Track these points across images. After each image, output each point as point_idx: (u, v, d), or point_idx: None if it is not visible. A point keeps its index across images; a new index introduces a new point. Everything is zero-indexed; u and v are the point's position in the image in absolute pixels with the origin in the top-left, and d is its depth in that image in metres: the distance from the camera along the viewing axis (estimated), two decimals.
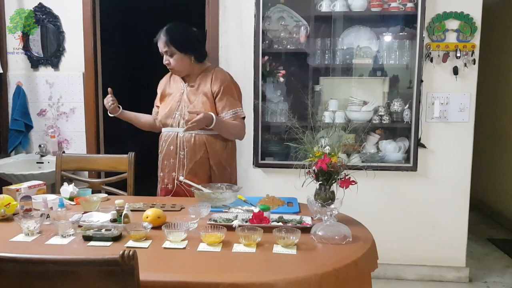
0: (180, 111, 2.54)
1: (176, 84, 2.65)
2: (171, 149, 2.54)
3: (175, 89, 2.63)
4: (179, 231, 1.78)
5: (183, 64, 2.53)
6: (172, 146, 2.54)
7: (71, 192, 2.37)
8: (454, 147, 3.38)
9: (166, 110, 2.59)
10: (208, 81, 2.56)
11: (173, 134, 2.55)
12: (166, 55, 2.53)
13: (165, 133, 2.60)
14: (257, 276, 1.51)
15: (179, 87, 2.61)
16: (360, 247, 1.75)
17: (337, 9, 3.34)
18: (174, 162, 2.54)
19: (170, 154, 2.55)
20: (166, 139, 2.58)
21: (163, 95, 2.66)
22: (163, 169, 2.60)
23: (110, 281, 1.29)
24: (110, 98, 2.62)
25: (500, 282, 3.52)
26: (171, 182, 2.56)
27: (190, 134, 2.50)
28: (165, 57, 2.54)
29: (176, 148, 2.53)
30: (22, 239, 1.80)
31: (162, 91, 2.68)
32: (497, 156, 5.00)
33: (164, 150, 2.58)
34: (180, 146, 2.52)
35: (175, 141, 2.53)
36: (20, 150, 3.70)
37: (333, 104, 3.41)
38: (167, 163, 2.56)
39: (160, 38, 2.53)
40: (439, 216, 3.45)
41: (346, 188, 1.99)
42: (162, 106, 2.65)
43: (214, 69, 2.64)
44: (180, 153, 2.52)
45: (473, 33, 3.26)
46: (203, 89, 2.55)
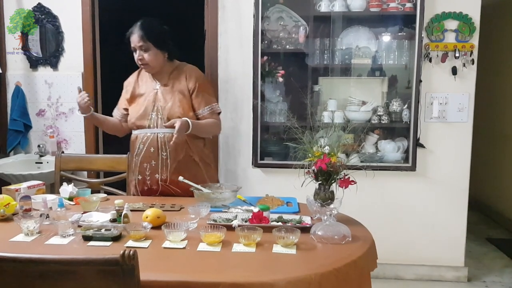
0: (157, 111, 2.49)
1: (146, 84, 2.58)
2: (151, 150, 2.47)
3: (146, 89, 2.56)
4: (179, 231, 1.78)
5: (157, 60, 2.50)
6: (152, 147, 2.47)
7: (70, 192, 2.37)
8: (453, 147, 3.39)
9: (140, 111, 2.51)
10: (182, 78, 2.54)
11: (152, 136, 2.48)
12: (141, 50, 2.46)
13: (141, 134, 2.51)
14: (256, 275, 1.51)
15: (151, 87, 2.55)
16: (360, 246, 1.75)
17: (336, 9, 3.34)
18: (156, 163, 2.47)
19: (151, 156, 2.47)
20: (144, 140, 2.49)
21: (132, 96, 2.58)
22: (142, 171, 2.50)
23: (111, 280, 1.29)
24: (85, 95, 2.46)
25: (499, 281, 3.53)
26: (155, 183, 2.49)
27: (171, 134, 2.40)
28: (138, 53, 2.47)
29: (158, 149, 2.47)
30: (21, 239, 1.80)
31: (131, 92, 2.58)
32: (496, 156, 5.01)
33: (142, 152, 2.49)
34: (161, 147, 2.46)
35: (156, 143, 2.47)
36: (19, 150, 3.70)
37: (332, 104, 3.41)
38: (148, 165, 2.48)
39: (134, 33, 2.47)
40: (438, 216, 3.45)
41: (346, 188, 2.00)
42: (133, 108, 2.56)
43: (186, 67, 2.61)
44: (162, 154, 2.46)
45: (472, 33, 3.27)
46: (178, 87, 2.52)
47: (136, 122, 2.53)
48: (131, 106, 2.59)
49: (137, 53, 2.48)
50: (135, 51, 2.50)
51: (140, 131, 2.53)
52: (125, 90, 2.65)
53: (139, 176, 2.52)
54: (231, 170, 3.54)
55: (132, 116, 2.55)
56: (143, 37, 2.46)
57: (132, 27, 2.51)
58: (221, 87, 3.46)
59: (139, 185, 2.54)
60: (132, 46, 2.49)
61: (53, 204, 2.14)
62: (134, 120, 2.53)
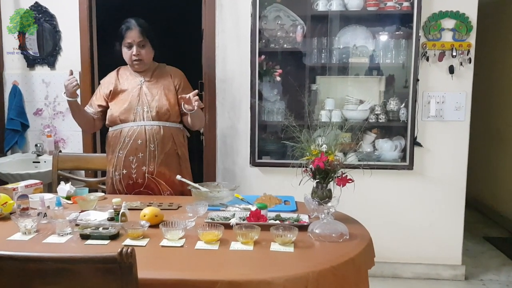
0: (142, 105, 2.52)
1: (127, 81, 2.61)
2: (139, 143, 2.49)
3: (129, 85, 2.58)
4: (177, 229, 1.78)
5: (150, 57, 2.59)
6: (140, 140, 2.49)
7: (68, 191, 2.36)
8: (450, 145, 3.40)
9: (124, 106, 2.53)
10: (166, 76, 2.62)
11: (140, 128, 2.50)
12: (138, 46, 2.51)
13: (127, 128, 2.52)
14: (254, 273, 1.51)
15: (134, 83, 2.59)
16: (357, 244, 1.76)
17: (333, 8, 3.35)
18: (144, 155, 2.50)
19: (138, 149, 2.49)
20: (130, 134, 2.50)
21: (114, 93, 2.59)
22: (127, 165, 2.52)
23: (109, 278, 1.29)
24: (74, 79, 2.45)
25: (496, 280, 3.54)
26: (141, 176, 2.51)
27: (159, 127, 2.51)
28: (136, 49, 2.50)
29: (146, 141, 2.49)
30: (19, 237, 1.80)
31: (113, 89, 2.59)
32: (493, 154, 5.02)
33: (129, 145, 2.50)
34: (150, 138, 2.50)
35: (144, 135, 2.50)
36: (16, 149, 3.69)
37: (330, 103, 3.41)
38: (135, 158, 2.50)
39: (132, 28, 2.51)
40: (435, 214, 3.46)
41: (343, 186, 2.00)
42: (116, 103, 2.57)
43: (168, 67, 2.70)
44: (151, 145, 2.50)
45: (469, 32, 3.28)
46: (163, 83, 2.59)
47: (120, 116, 2.54)
48: (113, 102, 2.59)
49: (134, 49, 2.51)
50: (129, 47, 2.52)
51: (124, 125, 2.54)
52: (104, 87, 2.65)
53: (123, 170, 2.53)
54: (229, 169, 3.54)
55: (115, 111, 2.56)
56: (142, 33, 2.50)
57: (126, 23, 2.54)
58: (218, 86, 3.46)
59: (123, 179, 2.54)
60: (129, 41, 2.51)
61: (51, 203, 2.13)
62: (118, 114, 2.54)
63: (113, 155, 2.57)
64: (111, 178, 2.59)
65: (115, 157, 2.56)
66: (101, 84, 2.69)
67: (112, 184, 2.59)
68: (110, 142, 2.61)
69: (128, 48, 2.53)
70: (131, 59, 2.54)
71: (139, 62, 2.55)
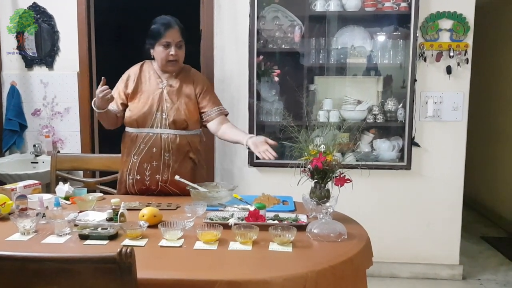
0: (161, 111, 2.44)
1: (149, 81, 2.50)
2: (153, 151, 2.42)
3: (150, 87, 2.48)
4: (176, 230, 1.78)
5: (183, 58, 2.49)
6: (155, 148, 2.42)
7: (66, 192, 2.36)
8: (447, 145, 3.41)
9: (144, 109, 2.44)
10: (189, 82, 2.51)
11: (155, 136, 2.43)
12: (176, 46, 2.41)
13: (143, 134, 2.44)
14: (253, 273, 1.52)
15: (156, 85, 2.48)
16: (355, 244, 1.76)
17: (331, 9, 3.36)
18: (158, 164, 2.43)
19: (152, 157, 2.42)
20: (146, 140, 2.43)
21: (135, 92, 2.48)
22: (141, 171, 2.45)
23: (108, 278, 1.30)
24: (109, 92, 2.28)
25: (493, 279, 3.55)
26: (154, 184, 2.45)
27: (175, 135, 2.42)
28: (174, 49, 2.40)
29: (161, 150, 2.42)
30: (18, 238, 1.80)
31: (134, 87, 2.48)
32: (490, 154, 5.04)
33: (143, 152, 2.43)
34: (165, 147, 2.43)
35: (159, 143, 2.42)
36: (14, 150, 3.69)
37: (328, 103, 3.42)
38: (149, 165, 2.43)
39: (173, 27, 2.40)
40: (433, 214, 3.47)
41: (341, 186, 2.01)
42: (135, 105, 2.47)
43: (192, 70, 2.60)
44: (165, 154, 2.42)
45: (466, 33, 3.29)
46: (185, 90, 2.49)
47: (138, 120, 2.44)
48: (133, 102, 2.49)
49: (173, 49, 2.40)
50: (167, 46, 2.40)
51: (140, 129, 2.46)
52: (123, 84, 2.52)
53: (137, 175, 2.47)
54: (227, 169, 3.54)
55: (134, 113, 2.46)
56: (182, 33, 2.43)
57: (163, 21, 2.42)
58: (217, 86, 3.46)
59: (136, 184, 2.49)
60: (168, 40, 2.39)
61: (49, 204, 2.13)
62: (136, 117, 2.45)
63: (127, 158, 2.50)
64: (125, 181, 2.53)
65: (130, 161, 2.48)
66: (122, 80, 2.54)
67: (125, 187, 2.54)
68: (126, 143, 2.52)
69: (165, 47, 2.40)
70: (167, 58, 2.42)
71: (175, 63, 2.44)
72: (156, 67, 2.53)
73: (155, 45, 2.44)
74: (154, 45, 2.45)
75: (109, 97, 2.29)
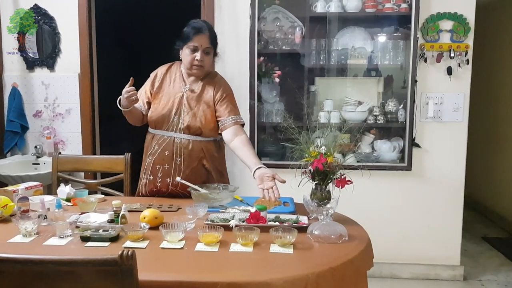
0: (179, 115, 2.42)
1: (173, 84, 2.50)
2: (166, 154, 2.42)
3: (172, 90, 2.48)
4: (177, 231, 1.79)
5: (210, 66, 2.50)
6: (167, 151, 2.42)
7: (68, 193, 2.37)
8: (448, 146, 3.41)
9: (163, 111, 2.44)
10: (211, 88, 2.48)
11: (169, 139, 2.43)
12: (203, 52, 2.39)
13: (158, 135, 2.46)
14: (254, 275, 1.52)
15: (178, 88, 2.48)
16: (356, 246, 1.77)
17: (331, 10, 3.36)
18: (170, 167, 2.43)
19: (164, 159, 2.42)
20: (160, 142, 2.44)
21: (158, 91, 2.50)
22: (154, 173, 2.45)
23: (109, 281, 1.30)
24: (135, 92, 2.31)
25: (494, 280, 3.55)
26: (165, 186, 2.45)
27: (188, 140, 2.40)
28: (200, 54, 2.38)
29: (173, 154, 2.42)
30: (20, 240, 1.81)
31: (158, 86, 2.50)
32: (491, 155, 5.03)
33: (157, 154, 2.44)
34: (177, 152, 2.42)
35: (172, 147, 2.41)
36: (16, 151, 3.70)
37: (328, 104, 3.43)
38: (161, 168, 2.43)
39: (203, 33, 2.38)
40: (434, 215, 3.47)
41: (342, 187, 2.01)
42: (156, 105, 2.48)
43: (217, 77, 2.57)
44: (177, 159, 2.42)
45: (467, 34, 3.29)
46: (205, 97, 2.47)
47: (156, 121, 2.45)
48: (154, 101, 2.50)
49: (199, 54, 2.38)
50: (194, 51, 2.39)
51: (158, 131, 2.47)
52: (151, 82, 2.53)
53: (150, 176, 2.47)
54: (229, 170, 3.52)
55: (154, 114, 2.46)
56: (211, 40, 2.41)
57: (195, 25, 2.41)
58: None
59: (148, 185, 2.49)
60: (196, 45, 2.38)
61: (51, 205, 2.14)
62: (155, 118, 2.46)
63: (145, 157, 2.52)
64: (141, 180, 2.55)
65: (146, 160, 2.51)
66: (150, 79, 2.56)
67: (141, 186, 2.55)
68: (146, 142, 2.55)
69: (192, 51, 2.39)
70: (192, 63, 2.41)
71: (200, 68, 2.42)
72: (183, 69, 2.53)
73: (183, 47, 2.44)
74: (182, 47, 2.44)
75: (134, 98, 2.31)
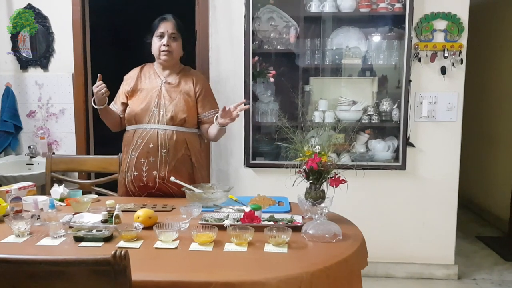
0: (159, 107, 2.47)
1: (149, 80, 2.56)
2: (150, 146, 2.44)
3: (149, 85, 2.54)
4: (171, 231, 1.78)
5: (179, 52, 2.56)
6: (151, 143, 2.44)
7: (61, 193, 2.36)
8: (442, 146, 3.42)
9: (141, 106, 2.49)
10: (189, 81, 2.57)
11: (152, 132, 2.45)
12: (170, 37, 2.48)
13: (140, 129, 2.48)
14: (248, 274, 1.52)
15: (155, 83, 2.54)
16: (350, 245, 1.77)
17: (326, 10, 3.36)
18: (155, 160, 2.44)
19: (149, 152, 2.44)
20: (143, 136, 2.46)
21: (134, 90, 2.55)
22: (138, 167, 2.46)
23: (102, 281, 1.29)
24: (103, 85, 2.39)
25: (488, 279, 3.56)
26: (152, 180, 2.46)
27: (172, 131, 2.46)
28: (167, 40, 2.47)
29: (157, 145, 2.44)
30: (12, 240, 1.80)
31: (133, 85, 2.55)
32: (485, 154, 5.06)
33: (140, 147, 2.45)
34: (161, 143, 2.45)
35: (156, 139, 2.44)
36: (9, 151, 3.68)
37: (323, 104, 3.43)
38: (146, 161, 2.45)
39: (168, 20, 2.51)
40: (428, 214, 3.48)
41: (336, 187, 2.01)
42: (134, 102, 2.53)
43: (192, 71, 2.67)
44: (162, 150, 2.44)
45: (461, 33, 3.30)
46: (184, 88, 2.54)
47: (136, 116, 2.50)
48: (132, 99, 2.55)
49: (165, 39, 2.48)
50: (161, 37, 2.49)
51: (138, 126, 2.50)
52: (125, 83, 2.61)
53: (135, 172, 2.48)
54: (223, 170, 3.54)
55: (132, 110, 2.52)
56: (177, 26, 2.51)
57: (162, 16, 2.54)
58: (212, 87, 3.40)
59: (135, 181, 2.49)
60: (161, 31, 2.49)
61: (44, 205, 2.13)
62: (134, 113, 2.50)
63: (126, 156, 2.53)
64: (124, 178, 2.55)
65: (128, 158, 2.52)
66: (124, 80, 2.63)
67: (125, 185, 2.55)
68: (125, 141, 2.57)
69: (159, 38, 2.49)
70: (159, 49, 2.49)
71: (168, 53, 2.49)
72: (156, 66, 2.61)
73: (152, 38, 2.54)
74: (151, 39, 2.54)
75: (104, 91, 2.38)
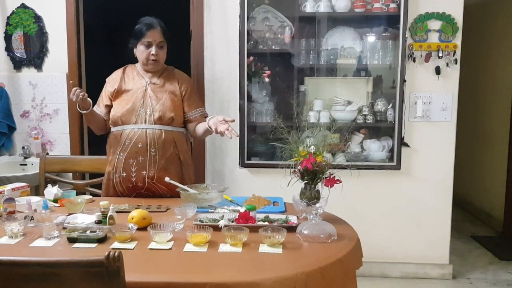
0: (145, 107, 2.47)
1: (133, 81, 2.55)
2: (139, 146, 2.43)
3: (133, 86, 2.53)
4: (165, 232, 1.78)
5: (164, 58, 2.57)
6: (140, 143, 2.43)
7: (55, 194, 2.35)
8: (437, 145, 3.43)
9: (127, 107, 2.48)
10: (173, 80, 2.58)
11: (141, 132, 2.45)
12: (157, 46, 2.48)
13: (127, 130, 2.47)
14: (243, 275, 1.52)
15: (139, 84, 2.53)
16: (345, 245, 1.77)
17: (321, 10, 3.36)
18: (144, 159, 2.44)
19: (138, 152, 2.43)
20: (131, 136, 2.45)
21: (118, 91, 2.53)
22: (127, 168, 2.45)
23: (96, 282, 1.29)
24: (78, 90, 2.37)
25: (483, 278, 3.57)
26: (141, 180, 2.45)
27: (160, 131, 2.46)
28: (155, 49, 2.47)
29: (146, 145, 2.44)
30: (5, 241, 1.79)
31: (117, 87, 2.54)
32: (479, 154, 5.07)
33: (129, 148, 2.45)
34: (150, 143, 2.44)
35: (145, 139, 2.44)
36: (3, 152, 3.65)
37: (318, 104, 3.43)
38: (134, 161, 2.44)
39: (155, 28, 2.48)
40: (423, 214, 3.49)
41: (331, 187, 2.01)
42: (119, 103, 2.52)
43: (176, 70, 2.66)
44: (151, 150, 2.44)
45: (455, 33, 3.31)
46: (169, 87, 2.55)
47: (122, 117, 2.48)
48: (116, 101, 2.54)
49: (153, 49, 2.47)
50: (148, 46, 2.48)
51: (125, 126, 2.49)
52: (108, 85, 2.59)
53: (123, 173, 2.47)
54: (218, 170, 3.54)
55: (117, 111, 2.50)
56: (163, 34, 2.50)
57: (146, 21, 2.51)
58: (207, 87, 3.46)
59: (123, 182, 2.49)
60: (149, 40, 2.47)
61: (38, 206, 2.12)
62: (120, 114, 2.49)
63: (113, 157, 2.51)
64: (111, 180, 2.53)
65: (115, 159, 2.50)
66: (107, 82, 2.62)
67: (113, 186, 2.53)
68: (111, 142, 2.55)
69: (146, 47, 2.48)
70: (147, 58, 2.49)
71: (155, 63, 2.50)
72: (139, 68, 2.61)
73: (137, 44, 2.52)
74: (136, 44, 2.52)
75: (81, 94, 2.37)
